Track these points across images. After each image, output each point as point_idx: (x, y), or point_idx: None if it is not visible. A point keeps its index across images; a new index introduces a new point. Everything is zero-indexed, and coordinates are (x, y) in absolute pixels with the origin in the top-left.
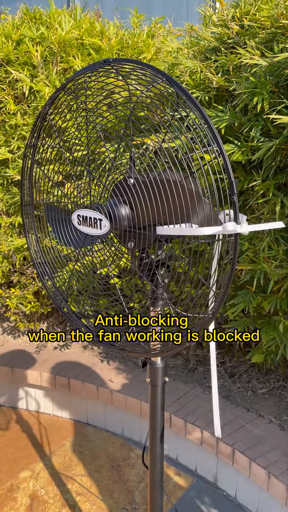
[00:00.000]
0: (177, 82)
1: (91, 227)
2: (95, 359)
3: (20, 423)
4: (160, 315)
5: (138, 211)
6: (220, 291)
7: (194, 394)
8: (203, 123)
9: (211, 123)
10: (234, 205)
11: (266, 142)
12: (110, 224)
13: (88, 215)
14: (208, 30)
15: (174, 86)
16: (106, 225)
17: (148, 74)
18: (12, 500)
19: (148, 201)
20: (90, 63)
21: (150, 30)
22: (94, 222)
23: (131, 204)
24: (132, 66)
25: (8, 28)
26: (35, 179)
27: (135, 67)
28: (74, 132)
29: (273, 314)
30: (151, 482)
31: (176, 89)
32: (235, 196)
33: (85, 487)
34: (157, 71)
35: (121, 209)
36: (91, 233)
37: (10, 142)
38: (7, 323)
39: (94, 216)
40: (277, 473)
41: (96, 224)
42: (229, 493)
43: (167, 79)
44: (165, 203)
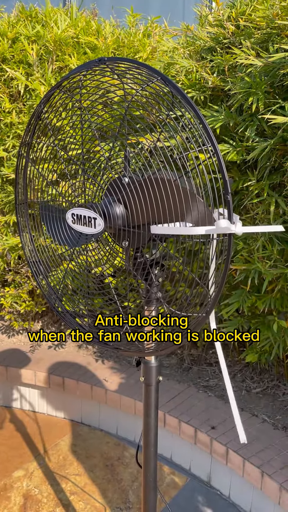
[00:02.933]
0: (172, 81)
1: (85, 225)
2: (89, 358)
3: (14, 422)
4: (155, 314)
5: (132, 210)
6: (214, 290)
7: (189, 394)
8: (198, 122)
9: (206, 122)
10: (228, 205)
11: (261, 142)
12: (105, 223)
13: (82, 213)
14: (204, 30)
15: (169, 85)
16: (100, 224)
17: (144, 73)
18: (5, 499)
19: (143, 200)
20: (86, 62)
21: (146, 30)
22: (89, 221)
23: (125, 203)
24: (127, 65)
25: (3, 26)
26: (29, 177)
27: (130, 66)
28: (69, 130)
29: (267, 313)
30: (145, 481)
31: (171, 88)
32: (229, 195)
33: (79, 486)
34: (152, 70)
35: (115, 208)
36: (85, 232)
37: (5, 141)
38: (1, 322)
39: (88, 214)
40: (271, 472)
41: (91, 223)
42: (222, 492)
43: (162, 78)
44: (159, 202)
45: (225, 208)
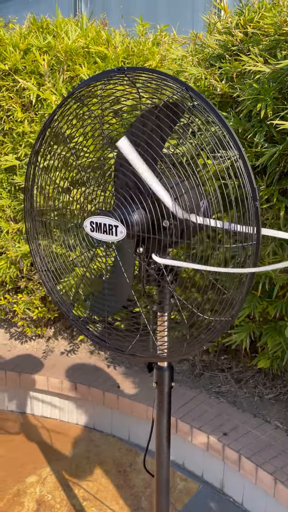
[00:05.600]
0: (196, 91)
1: (105, 233)
2: (101, 364)
3: (27, 428)
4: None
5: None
6: (238, 297)
7: (201, 400)
8: (223, 129)
9: (232, 130)
10: (257, 212)
11: (270, 148)
12: (127, 230)
13: (102, 221)
14: (213, 38)
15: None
16: (122, 231)
17: (169, 83)
18: (19, 504)
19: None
20: (97, 72)
21: (156, 38)
22: (109, 229)
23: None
24: (148, 75)
25: (15, 37)
26: (42, 185)
27: (151, 76)
28: (83, 140)
29: (278, 319)
30: (157, 488)
31: (195, 97)
32: (257, 202)
33: (91, 492)
34: (176, 81)
35: (136, 215)
36: (105, 240)
37: (18, 150)
38: (14, 329)
39: (109, 222)
40: (284, 479)
41: (112, 231)
42: (235, 499)
43: (186, 89)
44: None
45: (254, 214)
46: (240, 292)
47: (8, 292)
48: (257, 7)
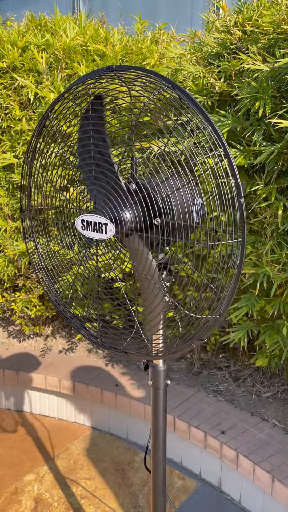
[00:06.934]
0: (180, 87)
1: (95, 231)
2: (99, 362)
3: (25, 427)
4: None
5: (140, 215)
6: (224, 294)
7: (198, 398)
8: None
9: (217, 127)
10: (241, 208)
11: (268, 147)
12: (116, 228)
13: (92, 220)
14: (211, 36)
15: (177, 91)
16: (111, 229)
17: (154, 81)
18: (16, 503)
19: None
20: (94, 69)
21: (154, 36)
22: (99, 227)
23: (132, 208)
24: (136, 73)
25: (14, 35)
26: (39, 184)
27: (138, 74)
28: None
29: (276, 317)
30: (154, 485)
31: (180, 94)
32: (242, 199)
33: (89, 490)
34: (162, 78)
35: (126, 213)
36: (96, 238)
37: (16, 148)
38: (12, 327)
39: (99, 220)
40: (281, 477)
41: (101, 229)
42: (233, 497)
43: (172, 86)
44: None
45: (239, 211)
46: (227, 289)
47: (6, 290)
48: (255, 6)
